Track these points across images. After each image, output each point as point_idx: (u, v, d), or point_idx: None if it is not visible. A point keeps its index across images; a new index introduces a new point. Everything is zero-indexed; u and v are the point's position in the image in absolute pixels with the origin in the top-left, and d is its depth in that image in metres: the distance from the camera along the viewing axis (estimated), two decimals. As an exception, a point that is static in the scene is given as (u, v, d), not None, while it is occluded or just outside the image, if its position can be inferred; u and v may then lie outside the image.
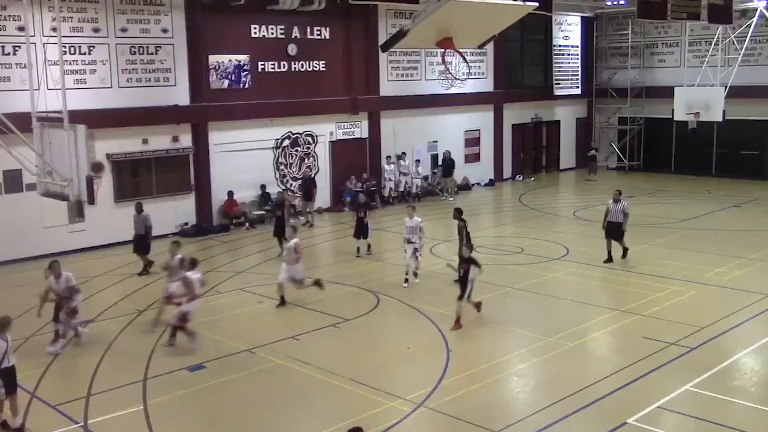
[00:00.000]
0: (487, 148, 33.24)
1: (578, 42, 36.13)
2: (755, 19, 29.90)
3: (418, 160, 29.78)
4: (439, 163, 30.38)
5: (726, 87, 29.32)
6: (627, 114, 36.11)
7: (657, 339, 13.57)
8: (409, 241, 17.23)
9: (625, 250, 19.22)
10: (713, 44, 31.06)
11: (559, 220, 25.11)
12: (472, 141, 32.64)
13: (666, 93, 31.81)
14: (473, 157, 32.65)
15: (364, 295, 16.76)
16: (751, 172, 32.80)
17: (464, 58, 12.75)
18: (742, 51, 29.96)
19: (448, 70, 28.87)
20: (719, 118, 29.50)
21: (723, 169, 33.81)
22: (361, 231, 20.33)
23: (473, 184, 32.16)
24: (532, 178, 34.63)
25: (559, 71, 35.35)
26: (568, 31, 35.69)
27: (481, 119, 32.83)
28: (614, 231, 19.00)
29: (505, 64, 33.47)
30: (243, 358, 13.10)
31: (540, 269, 18.74)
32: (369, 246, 20.54)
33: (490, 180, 33.10)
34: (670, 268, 18.56)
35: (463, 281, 14.68)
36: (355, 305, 16.02)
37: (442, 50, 11.80)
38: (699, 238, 21.93)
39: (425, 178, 30.02)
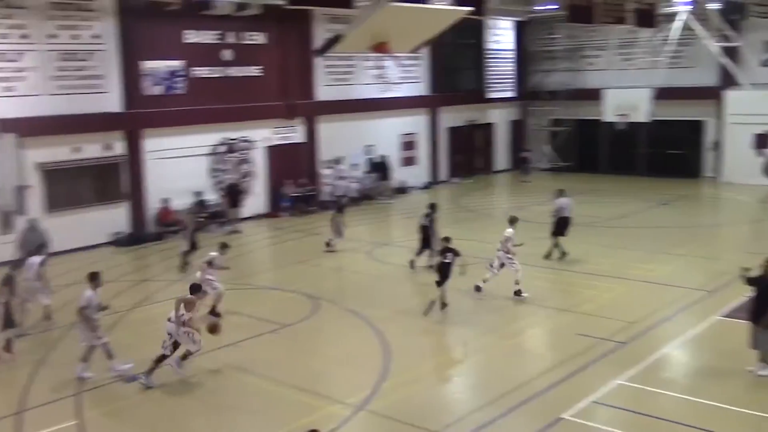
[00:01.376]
0: (423, 151, 33.49)
1: (511, 45, 36.68)
2: (679, 23, 30.83)
3: (355, 164, 29.83)
4: (373, 166, 30.54)
5: (653, 89, 30.11)
6: (559, 116, 36.77)
7: (590, 335, 13.90)
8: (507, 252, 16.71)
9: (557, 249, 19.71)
10: (640, 47, 31.86)
11: (495, 221, 25.40)
12: (409, 144, 32.86)
13: (596, 95, 32.55)
14: (410, 161, 32.87)
15: (303, 301, 16.71)
16: (678, 170, 33.77)
17: (399, 63, 12.84)
18: (668, 54, 30.81)
19: (383, 74, 29.19)
20: (646, 119, 30.33)
21: (652, 168, 34.67)
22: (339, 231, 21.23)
23: (410, 187, 32.36)
24: (469, 181, 35.01)
25: (493, 75, 35.83)
26: (500, 35, 36.21)
27: (417, 123, 33.08)
28: (565, 226, 19.59)
29: (440, 68, 33.80)
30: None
31: (478, 270, 18.94)
32: (328, 243, 21.12)
33: (427, 183, 33.36)
34: (602, 265, 19.00)
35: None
36: (293, 311, 15.95)
37: (378, 55, 11.84)
38: (629, 235, 22.49)
39: (360, 181, 29.99)
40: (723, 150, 32.04)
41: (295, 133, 28.18)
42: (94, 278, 12.58)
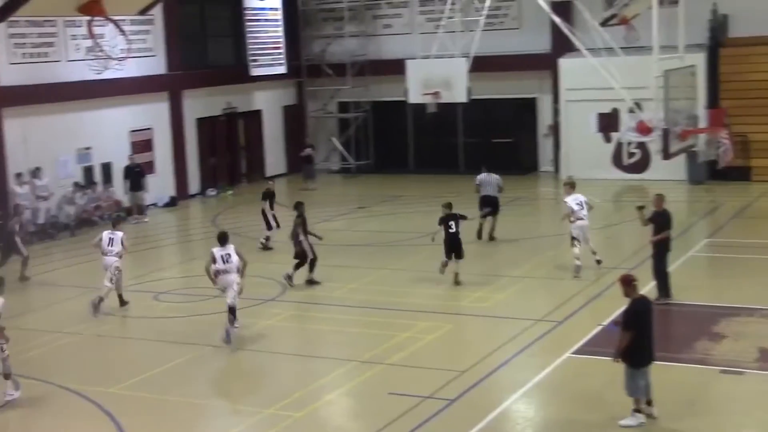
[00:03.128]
0: (163, 153, 33.00)
1: (278, 3, 36.99)
2: (496, -30, 32.46)
3: (66, 178, 28.82)
4: (123, 173, 30.50)
5: (469, 58, 31.39)
6: (349, 98, 37.53)
7: (408, 393, 14.19)
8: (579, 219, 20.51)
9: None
10: (449, 3, 33.06)
11: (270, 245, 25.41)
12: (142, 145, 32.22)
13: (396, 68, 33.30)
14: (145, 168, 32.20)
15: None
16: (507, 164, 35.34)
17: (121, 29, 12.55)
18: (484, 12, 32.17)
19: (98, 45, 28.52)
20: (463, 98, 31.52)
21: (473, 163, 35.88)
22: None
23: (147, 206, 31.69)
24: (230, 192, 34.89)
25: (257, 43, 35.95)
26: (263, -12, 36.50)
27: (153, 113, 32.56)
28: (492, 203, 24.64)
29: (182, 36, 33.50)
30: None
31: (247, 316, 18.82)
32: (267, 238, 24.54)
33: (171, 198, 32.87)
34: (416, 297, 19.56)
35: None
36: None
37: (89, 18, 11.48)
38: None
39: (70, 200, 28.82)
40: (561, 136, 34.12)
41: (-30, 135, 26.85)
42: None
